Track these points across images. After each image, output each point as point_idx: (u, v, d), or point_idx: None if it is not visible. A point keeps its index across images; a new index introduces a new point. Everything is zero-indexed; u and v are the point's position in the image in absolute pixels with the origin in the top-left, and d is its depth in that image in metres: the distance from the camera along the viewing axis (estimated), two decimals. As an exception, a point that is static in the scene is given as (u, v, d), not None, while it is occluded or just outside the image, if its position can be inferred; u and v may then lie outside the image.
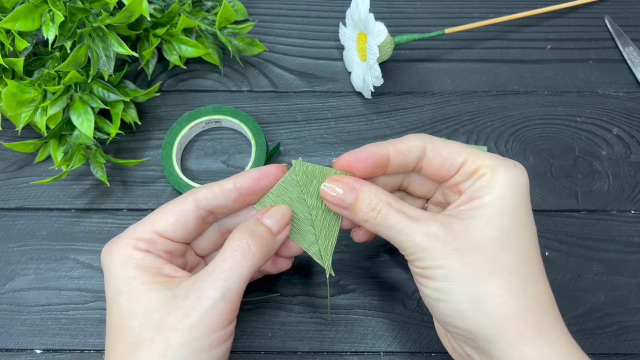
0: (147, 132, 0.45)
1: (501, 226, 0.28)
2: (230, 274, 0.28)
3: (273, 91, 0.47)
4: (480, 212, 0.29)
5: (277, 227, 0.31)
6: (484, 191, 0.29)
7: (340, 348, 0.38)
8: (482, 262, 0.28)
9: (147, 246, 0.30)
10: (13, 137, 0.45)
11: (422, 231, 0.28)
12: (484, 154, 0.30)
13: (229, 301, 0.28)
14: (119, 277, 0.29)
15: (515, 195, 0.29)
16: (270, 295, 0.40)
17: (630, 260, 0.41)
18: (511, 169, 0.30)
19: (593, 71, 0.48)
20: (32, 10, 0.38)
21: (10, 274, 0.41)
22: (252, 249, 0.29)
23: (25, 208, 0.43)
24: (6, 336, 0.39)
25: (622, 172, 0.44)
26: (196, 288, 0.28)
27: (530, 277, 0.28)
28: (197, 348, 0.27)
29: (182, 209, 0.31)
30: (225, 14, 0.44)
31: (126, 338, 0.28)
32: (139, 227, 0.30)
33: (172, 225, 0.30)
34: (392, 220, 0.29)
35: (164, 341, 0.27)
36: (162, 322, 0.27)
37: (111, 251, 0.30)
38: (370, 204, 0.30)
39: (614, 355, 0.38)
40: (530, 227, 0.30)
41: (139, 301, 0.28)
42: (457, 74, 0.48)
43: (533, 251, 0.29)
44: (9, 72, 0.41)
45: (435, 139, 0.31)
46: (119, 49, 0.40)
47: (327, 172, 0.32)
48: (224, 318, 0.28)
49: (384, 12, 0.51)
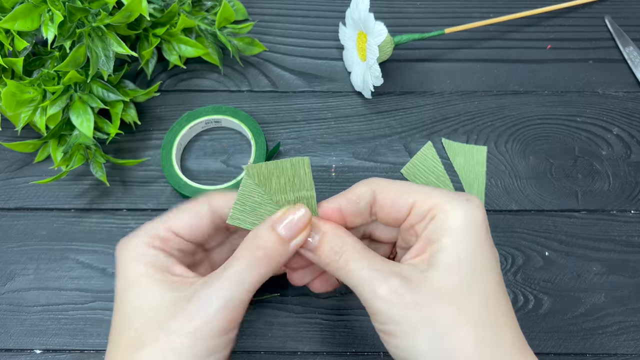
0: (146, 132, 0.45)
1: (460, 273, 0.27)
2: (235, 282, 0.28)
3: (273, 91, 0.47)
4: (437, 260, 0.28)
5: (289, 235, 0.29)
6: (439, 234, 0.28)
7: (340, 348, 0.38)
8: (443, 316, 0.26)
9: (161, 244, 0.30)
10: (13, 137, 0.45)
11: (381, 281, 0.27)
12: (435, 192, 0.30)
13: (231, 310, 0.28)
14: (131, 272, 0.29)
15: (472, 235, 0.28)
16: (270, 296, 0.39)
17: (630, 260, 0.41)
18: (464, 206, 0.28)
19: (593, 71, 0.48)
20: (31, 10, 0.38)
21: (10, 274, 0.40)
22: (258, 258, 0.29)
23: (24, 208, 0.43)
24: (6, 336, 0.39)
25: (622, 172, 0.44)
26: (202, 293, 0.28)
27: (496, 324, 0.27)
28: (198, 352, 0.27)
29: (197, 210, 0.31)
30: (225, 14, 0.44)
31: (130, 335, 0.28)
32: (156, 225, 0.30)
33: (188, 225, 0.30)
34: (354, 266, 0.28)
35: (166, 342, 0.27)
36: (167, 323, 0.27)
37: (126, 246, 0.30)
38: (334, 247, 0.29)
39: (614, 355, 0.38)
40: (491, 266, 0.28)
41: (147, 299, 0.28)
42: (457, 74, 0.48)
43: (497, 292, 0.28)
44: (9, 72, 0.41)
45: (385, 182, 0.31)
46: (119, 48, 0.39)
47: (283, 165, 0.31)
48: (226, 325, 0.27)
49: (384, 12, 0.51)
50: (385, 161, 0.44)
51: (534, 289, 0.40)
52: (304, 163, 0.31)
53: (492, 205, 0.43)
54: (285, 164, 0.31)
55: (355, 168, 0.44)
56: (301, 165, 0.31)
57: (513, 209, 0.43)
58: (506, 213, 0.43)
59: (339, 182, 0.43)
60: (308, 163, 0.31)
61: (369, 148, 0.45)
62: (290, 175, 0.31)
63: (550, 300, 0.40)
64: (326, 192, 0.43)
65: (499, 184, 0.43)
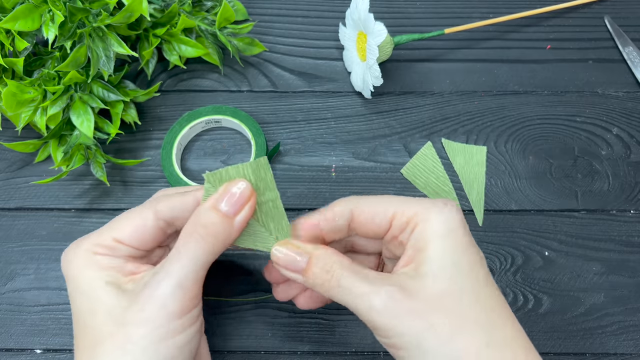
0: (147, 132, 0.45)
1: (451, 277, 0.28)
2: (185, 263, 0.28)
3: (273, 91, 0.47)
4: (427, 267, 0.28)
5: (232, 210, 0.29)
6: (424, 242, 0.29)
7: (340, 348, 0.38)
8: (444, 322, 0.27)
9: (106, 251, 0.30)
10: (13, 137, 0.45)
11: (376, 292, 0.27)
12: (412, 202, 0.30)
13: (185, 289, 0.28)
14: (80, 279, 0.29)
15: (454, 239, 0.29)
16: (270, 296, 0.40)
17: (630, 260, 0.41)
18: (442, 212, 0.29)
19: (593, 71, 0.48)
20: (32, 10, 0.38)
21: (10, 274, 0.41)
22: (203, 237, 0.29)
23: (25, 208, 0.43)
24: (6, 336, 0.39)
25: (622, 172, 0.44)
26: (152, 281, 0.28)
27: (493, 323, 0.28)
28: (158, 337, 0.27)
29: (142, 218, 0.30)
30: (225, 14, 0.44)
31: (88, 336, 0.28)
32: (99, 234, 0.30)
33: (130, 234, 0.30)
34: (347, 282, 0.28)
35: (123, 334, 0.27)
36: (122, 317, 0.27)
37: (71, 258, 0.30)
38: (324, 267, 0.29)
39: (614, 355, 0.38)
40: (477, 265, 0.29)
41: (100, 301, 0.28)
42: (457, 74, 0.48)
43: (488, 290, 0.28)
44: (9, 72, 0.41)
45: (362, 198, 0.31)
46: (119, 49, 0.40)
47: (243, 169, 0.30)
48: (183, 305, 0.28)
49: (383, 12, 0.51)
50: (385, 161, 0.44)
51: (534, 288, 0.40)
52: (263, 164, 0.30)
53: (492, 205, 0.43)
54: (246, 168, 0.30)
55: (355, 168, 0.44)
56: (261, 167, 0.30)
57: (513, 209, 0.43)
58: (506, 213, 0.43)
59: (339, 182, 0.44)
60: (267, 164, 0.30)
61: (369, 148, 0.45)
62: (253, 179, 0.30)
63: (549, 300, 0.40)
64: (326, 192, 0.43)
65: (499, 184, 0.44)
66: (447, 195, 0.43)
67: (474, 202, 0.43)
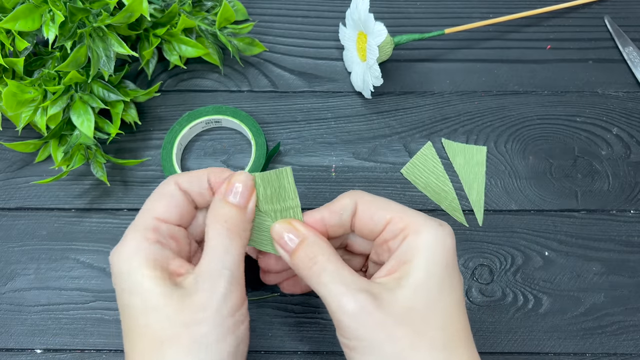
0: (147, 132, 0.45)
1: (426, 294, 0.28)
2: (228, 256, 0.29)
3: (273, 91, 0.47)
4: (406, 281, 0.28)
5: (242, 201, 0.31)
6: (410, 256, 0.29)
7: (340, 348, 0.38)
8: (406, 336, 0.27)
9: (154, 235, 0.30)
10: (13, 137, 0.45)
11: (350, 296, 0.28)
12: (411, 212, 0.31)
13: (239, 283, 0.29)
14: (127, 275, 0.29)
15: (440, 260, 0.29)
16: (270, 295, 0.40)
17: (630, 260, 0.41)
18: (436, 231, 0.29)
19: (593, 71, 0.48)
20: (32, 11, 0.38)
21: (11, 274, 0.41)
22: (230, 229, 0.30)
23: (25, 208, 0.43)
24: (6, 336, 0.39)
25: (622, 172, 0.44)
26: (204, 277, 0.28)
27: (454, 347, 0.28)
28: (221, 334, 0.27)
29: (169, 191, 0.31)
30: (225, 14, 0.44)
31: (145, 337, 0.28)
32: (141, 219, 0.30)
33: (166, 208, 0.30)
34: (325, 277, 0.29)
35: (186, 335, 0.27)
36: (179, 317, 0.27)
37: (120, 250, 0.29)
38: (311, 254, 0.30)
39: (614, 355, 0.38)
40: (455, 290, 0.29)
41: (153, 298, 0.28)
42: (457, 74, 0.48)
43: (457, 315, 0.29)
44: (9, 72, 0.41)
45: (367, 195, 0.32)
46: (119, 49, 0.40)
47: (268, 177, 0.32)
48: (236, 302, 0.28)
49: (384, 12, 0.51)
50: (385, 161, 0.44)
51: (534, 288, 0.40)
52: (287, 173, 0.32)
53: (492, 205, 0.43)
54: (271, 176, 0.32)
55: (355, 168, 0.44)
56: (285, 175, 0.32)
57: (513, 209, 0.43)
58: (506, 213, 0.43)
59: (339, 182, 0.44)
60: (291, 173, 0.32)
61: (369, 148, 0.45)
62: (276, 186, 0.32)
63: (549, 300, 0.40)
64: (326, 192, 0.43)
65: (499, 184, 0.44)
66: (447, 195, 0.43)
67: (474, 202, 0.43)
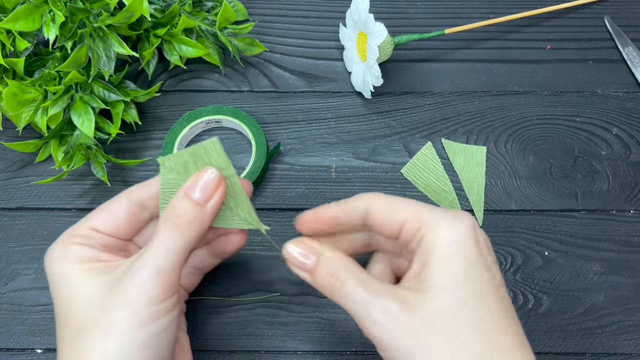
0: (147, 132, 0.45)
1: (453, 297, 0.27)
2: (162, 250, 0.29)
3: (273, 91, 0.47)
4: (431, 283, 0.27)
5: (203, 197, 0.31)
6: (430, 256, 0.28)
7: (340, 348, 0.38)
8: (441, 343, 0.26)
9: (82, 240, 0.30)
10: (14, 137, 0.45)
11: (378, 305, 0.27)
12: (425, 209, 0.29)
13: (164, 276, 0.28)
14: (57, 271, 0.30)
15: (461, 253, 0.28)
16: (270, 295, 0.40)
17: (630, 260, 0.41)
18: (452, 224, 0.28)
19: (593, 71, 0.48)
20: (32, 11, 0.38)
21: (11, 274, 0.41)
22: (179, 226, 0.30)
23: (26, 208, 0.43)
24: (7, 336, 0.39)
25: (622, 172, 0.44)
26: (132, 268, 0.29)
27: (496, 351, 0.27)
28: (140, 320, 0.28)
29: (115, 204, 0.32)
30: (225, 14, 0.44)
31: (70, 324, 0.29)
32: (75, 226, 0.31)
33: (104, 220, 0.31)
34: (350, 289, 0.28)
35: (106, 320, 0.27)
36: (102, 303, 0.28)
37: (50, 252, 0.31)
38: (331, 270, 0.29)
39: (614, 354, 0.38)
40: (484, 284, 0.28)
41: (78, 288, 0.29)
42: (457, 74, 0.48)
43: (493, 316, 0.27)
44: (10, 72, 0.41)
45: (380, 198, 0.31)
46: (120, 49, 0.40)
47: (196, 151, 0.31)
48: (161, 292, 0.28)
49: (384, 12, 0.51)
50: (385, 161, 0.44)
51: (534, 288, 0.40)
52: (215, 145, 0.31)
53: (492, 205, 0.43)
54: (198, 149, 0.31)
55: (355, 168, 0.44)
56: (213, 147, 0.31)
57: (513, 209, 0.43)
58: (506, 213, 0.43)
59: (339, 182, 0.44)
60: (219, 143, 0.31)
61: (369, 148, 0.45)
62: (206, 160, 0.31)
63: (549, 299, 0.40)
64: (326, 192, 0.43)
65: (499, 184, 0.44)
66: (447, 195, 0.43)
67: (474, 202, 0.43)
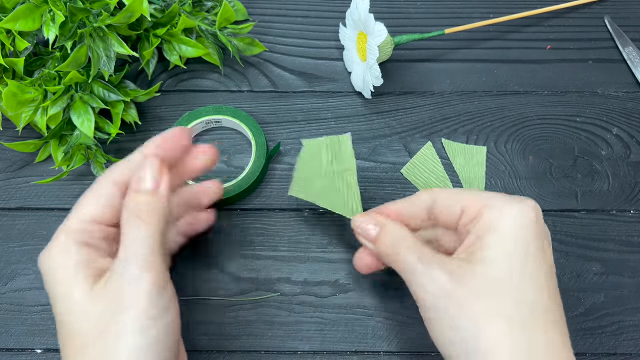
0: (147, 132, 0.45)
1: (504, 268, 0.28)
2: (140, 246, 0.29)
3: (273, 91, 0.47)
4: (483, 254, 0.29)
5: (150, 185, 0.30)
6: (486, 230, 0.29)
7: (340, 348, 0.38)
8: (483, 311, 0.27)
9: (80, 237, 0.30)
10: (13, 137, 0.45)
11: (428, 274, 0.29)
12: (486, 194, 0.31)
13: (152, 270, 0.28)
14: (51, 278, 0.29)
15: (518, 233, 0.29)
16: (270, 295, 0.40)
17: (630, 260, 0.41)
18: (514, 205, 0.30)
19: (593, 71, 0.48)
20: (32, 11, 0.38)
21: (11, 274, 0.41)
22: (141, 216, 0.29)
23: (25, 208, 0.43)
24: (7, 336, 0.39)
25: (622, 172, 0.44)
26: (120, 267, 0.28)
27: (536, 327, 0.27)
28: (145, 319, 0.28)
29: (100, 189, 0.31)
30: (225, 14, 0.44)
31: (74, 341, 0.28)
32: (67, 222, 0.30)
33: (98, 208, 0.30)
34: (408, 258, 0.30)
35: (111, 329, 0.27)
36: (103, 311, 0.28)
37: (44, 255, 0.30)
38: (391, 239, 0.32)
39: (614, 354, 0.38)
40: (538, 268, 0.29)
41: (71, 300, 0.28)
42: (457, 74, 0.48)
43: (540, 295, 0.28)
44: (10, 72, 0.41)
45: (442, 190, 0.33)
46: (120, 49, 0.40)
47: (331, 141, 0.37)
48: (156, 285, 0.28)
49: (384, 12, 0.51)
50: (385, 161, 0.44)
51: (534, 288, 0.40)
52: (347, 140, 0.37)
53: (491, 205, 0.43)
54: (334, 139, 0.37)
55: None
56: (345, 141, 0.37)
57: (513, 208, 0.43)
58: (506, 213, 0.43)
59: (339, 182, 0.44)
60: (350, 139, 0.37)
61: (369, 148, 0.45)
62: (337, 150, 0.37)
63: (549, 299, 0.40)
64: (326, 192, 0.43)
65: (499, 184, 0.44)
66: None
67: (474, 202, 0.43)
